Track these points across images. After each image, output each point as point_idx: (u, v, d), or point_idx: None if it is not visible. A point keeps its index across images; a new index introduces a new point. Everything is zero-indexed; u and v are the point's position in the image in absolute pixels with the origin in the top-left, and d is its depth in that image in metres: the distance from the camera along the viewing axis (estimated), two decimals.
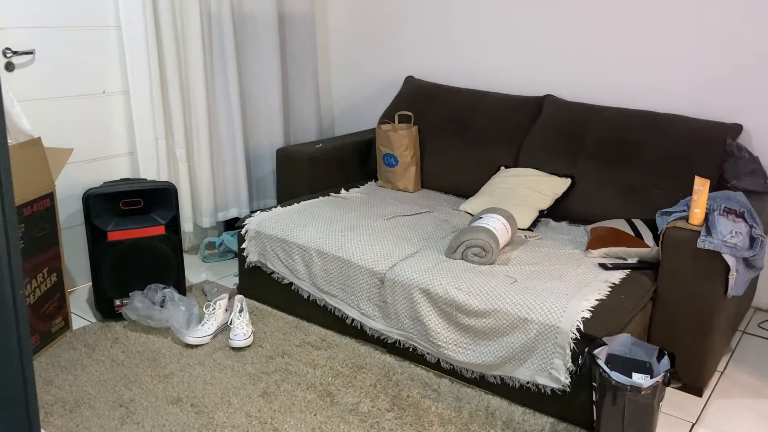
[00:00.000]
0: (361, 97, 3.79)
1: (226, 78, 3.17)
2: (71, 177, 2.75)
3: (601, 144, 2.72)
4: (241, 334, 2.39)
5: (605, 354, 1.83)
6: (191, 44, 2.97)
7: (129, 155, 2.95)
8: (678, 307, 2.12)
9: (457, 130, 3.09)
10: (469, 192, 2.97)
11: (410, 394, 2.13)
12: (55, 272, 2.38)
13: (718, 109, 2.69)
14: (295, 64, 3.58)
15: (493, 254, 2.24)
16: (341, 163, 3.19)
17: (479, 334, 2.08)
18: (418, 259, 2.28)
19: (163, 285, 2.58)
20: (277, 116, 3.47)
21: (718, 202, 2.10)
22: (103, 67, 2.78)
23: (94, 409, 2.02)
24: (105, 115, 2.83)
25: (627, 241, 2.32)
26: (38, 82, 2.58)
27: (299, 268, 2.52)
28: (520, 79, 3.19)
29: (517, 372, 2.03)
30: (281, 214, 2.69)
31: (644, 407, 1.72)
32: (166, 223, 2.57)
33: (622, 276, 2.17)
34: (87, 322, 2.57)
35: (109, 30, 2.76)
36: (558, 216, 2.74)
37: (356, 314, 2.39)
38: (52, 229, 2.35)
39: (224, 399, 2.08)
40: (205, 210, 3.19)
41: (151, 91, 2.87)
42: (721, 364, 2.39)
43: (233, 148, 3.28)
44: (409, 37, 3.51)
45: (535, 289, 2.05)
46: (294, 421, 1.98)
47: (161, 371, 2.23)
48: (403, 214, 2.72)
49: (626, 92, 2.90)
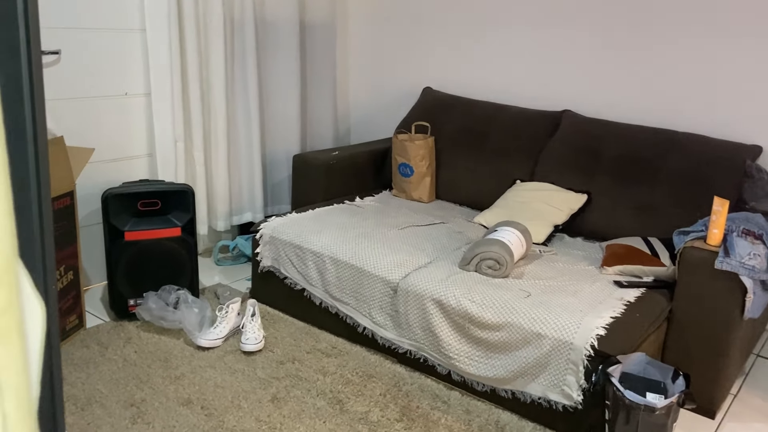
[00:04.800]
0: (379, 106, 3.81)
1: (245, 83, 3.20)
2: (91, 176, 2.78)
3: (618, 161, 2.71)
4: (253, 339, 2.39)
5: (619, 372, 1.81)
6: (213, 49, 3.01)
7: (148, 157, 2.98)
8: (693, 328, 2.10)
9: (474, 142, 3.09)
10: (484, 204, 2.98)
11: (420, 405, 2.12)
12: (72, 270, 2.40)
13: (738, 130, 2.68)
14: (314, 71, 3.61)
15: (508, 267, 2.23)
16: (357, 171, 3.21)
17: (491, 347, 2.07)
18: (431, 270, 2.28)
19: (177, 286, 2.59)
20: (295, 122, 3.49)
21: (736, 223, 2.09)
22: (126, 69, 2.81)
23: (105, 408, 2.03)
24: (126, 116, 2.86)
25: (643, 259, 2.31)
26: (62, 82, 2.62)
27: (312, 274, 2.53)
28: (538, 94, 3.20)
29: (528, 387, 2.02)
30: (296, 220, 2.70)
31: (658, 427, 1.71)
32: (182, 225, 2.59)
33: (637, 294, 2.16)
34: (101, 320, 2.59)
35: (134, 33, 2.80)
36: (573, 232, 2.73)
37: (368, 323, 2.39)
38: (71, 227, 2.38)
39: (234, 403, 2.09)
40: (221, 213, 3.21)
41: (172, 94, 2.90)
42: (735, 387, 2.36)
43: (250, 152, 3.30)
44: (428, 48, 3.53)
45: (549, 304, 2.05)
46: (303, 427, 1.98)
47: (173, 372, 2.24)
48: (417, 224, 2.73)
49: (645, 110, 2.90)
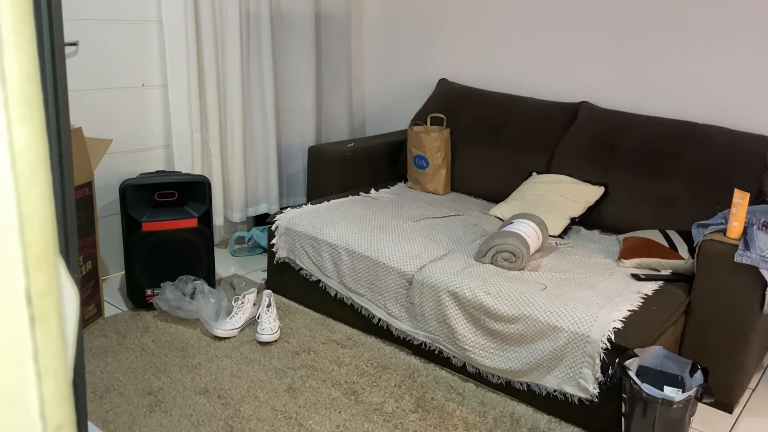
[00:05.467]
0: (394, 98, 3.80)
1: (261, 75, 3.21)
2: (109, 167, 2.80)
3: (636, 153, 2.68)
4: (269, 329, 2.41)
5: (636, 365, 1.80)
6: (229, 41, 3.01)
7: (165, 148, 3.00)
8: (711, 322, 2.08)
9: (490, 134, 3.07)
10: (500, 197, 2.96)
11: (435, 396, 2.13)
12: (90, 260, 2.43)
13: (758, 121, 2.64)
14: (329, 63, 3.60)
15: (524, 260, 2.22)
16: (372, 163, 3.20)
17: (507, 339, 2.07)
18: (447, 262, 2.28)
19: (194, 277, 2.62)
20: (310, 114, 3.49)
21: (757, 216, 2.06)
22: (143, 60, 2.83)
23: (123, 396, 2.05)
24: (143, 107, 2.88)
25: (661, 252, 2.29)
26: (80, 73, 2.64)
27: (328, 265, 2.53)
28: (554, 85, 3.17)
29: (544, 380, 2.02)
30: (311, 211, 2.71)
31: (675, 421, 1.70)
32: (199, 216, 2.60)
33: (654, 287, 2.14)
34: (119, 310, 2.62)
35: (151, 24, 2.81)
36: (590, 224, 2.71)
37: (383, 314, 2.40)
38: (90, 217, 2.40)
39: (250, 392, 2.10)
40: (236, 205, 3.23)
41: (189, 85, 2.91)
42: (753, 382, 2.34)
43: (266, 144, 3.31)
44: (444, 40, 3.51)
45: (565, 297, 2.04)
46: (319, 417, 1.99)
47: (190, 362, 2.26)
48: (433, 216, 2.72)
49: (663, 101, 2.86)
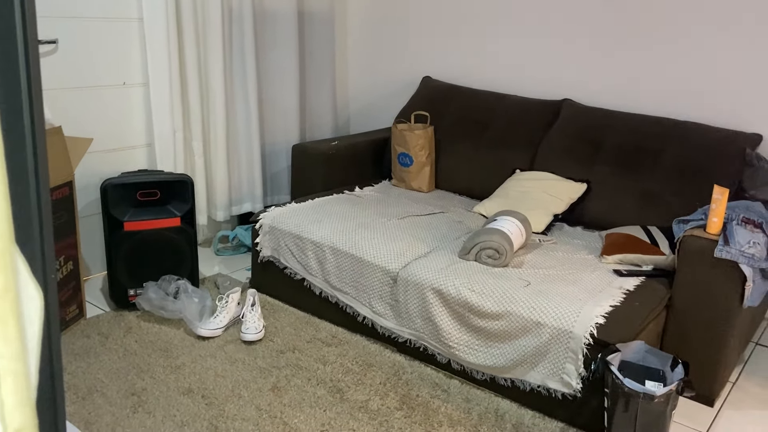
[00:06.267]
0: (378, 96, 3.80)
1: (244, 73, 3.19)
2: (90, 167, 2.77)
3: (618, 150, 2.70)
4: (253, 328, 2.40)
5: (618, 360, 1.82)
6: (211, 38, 2.99)
7: (147, 147, 2.97)
8: (692, 316, 2.11)
9: (473, 131, 3.08)
10: (484, 194, 2.97)
11: (420, 393, 2.13)
12: (71, 260, 2.40)
13: (738, 118, 2.67)
14: (313, 61, 3.59)
15: (507, 257, 2.23)
16: (356, 161, 3.20)
17: (491, 336, 2.08)
18: (431, 259, 2.29)
19: (177, 276, 2.60)
20: (294, 112, 3.48)
21: (736, 212, 2.09)
22: (124, 58, 2.80)
23: (106, 397, 2.04)
24: (124, 106, 2.85)
25: (642, 248, 2.31)
26: (60, 71, 2.61)
27: (312, 264, 2.53)
28: (538, 83, 3.18)
29: (528, 375, 2.03)
30: (295, 209, 2.70)
31: (656, 415, 1.72)
32: (181, 215, 2.58)
33: (636, 283, 2.16)
34: (101, 310, 2.59)
35: (132, 22, 2.79)
36: (573, 221, 2.73)
37: (368, 312, 2.40)
38: (70, 217, 2.37)
39: (235, 392, 2.09)
40: (220, 203, 3.21)
41: (171, 84, 2.89)
42: (734, 375, 2.37)
43: (249, 142, 3.29)
44: (427, 38, 3.51)
45: (548, 293, 2.05)
46: (303, 416, 1.99)
47: (173, 362, 2.24)
48: (417, 213, 2.73)
49: (645, 99, 2.89)
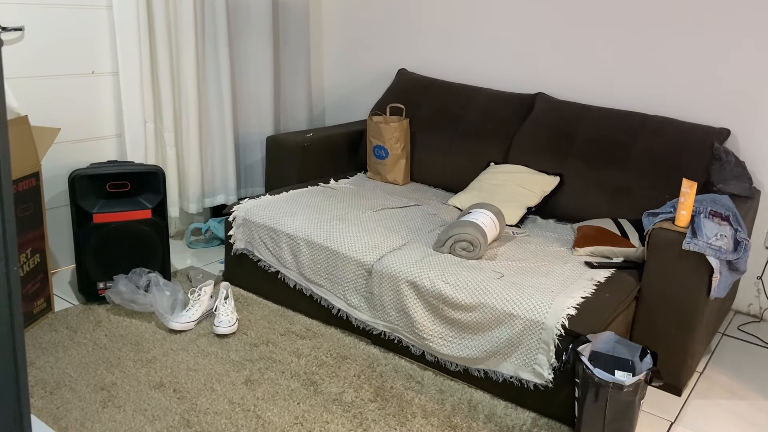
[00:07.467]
0: (353, 88, 3.78)
1: (217, 63, 3.14)
2: (58, 157, 2.71)
3: (590, 143, 2.74)
4: (226, 321, 2.38)
5: (589, 351, 1.85)
6: (183, 27, 2.94)
7: (117, 137, 2.91)
8: (661, 307, 2.15)
9: (449, 124, 3.09)
10: (458, 187, 2.99)
11: (394, 385, 2.14)
12: (38, 253, 2.35)
13: (707, 114, 2.73)
14: (287, 52, 3.56)
15: (481, 249, 2.25)
16: (331, 153, 3.18)
17: (464, 327, 2.09)
18: (406, 252, 2.29)
19: (148, 269, 2.56)
20: (268, 104, 3.44)
21: (704, 205, 2.13)
22: (92, 46, 2.74)
23: (75, 392, 2.00)
24: (93, 95, 2.79)
25: (613, 240, 2.34)
26: (27, 59, 2.54)
27: (286, 256, 2.51)
28: (512, 76, 3.20)
29: (500, 366, 2.05)
30: (269, 202, 2.68)
31: (626, 405, 1.75)
32: (153, 207, 2.54)
33: (607, 275, 2.19)
34: (69, 304, 2.54)
35: (100, 9, 2.72)
36: (546, 213, 2.76)
37: (342, 305, 2.39)
38: (37, 209, 2.32)
39: (207, 385, 2.07)
40: (192, 195, 3.17)
41: (141, 73, 2.83)
42: (701, 365, 2.42)
43: (222, 133, 3.25)
44: (403, 30, 3.50)
45: (521, 285, 2.07)
46: (277, 409, 1.98)
47: (144, 356, 2.21)
48: (392, 206, 2.72)
49: (617, 93, 2.93)
